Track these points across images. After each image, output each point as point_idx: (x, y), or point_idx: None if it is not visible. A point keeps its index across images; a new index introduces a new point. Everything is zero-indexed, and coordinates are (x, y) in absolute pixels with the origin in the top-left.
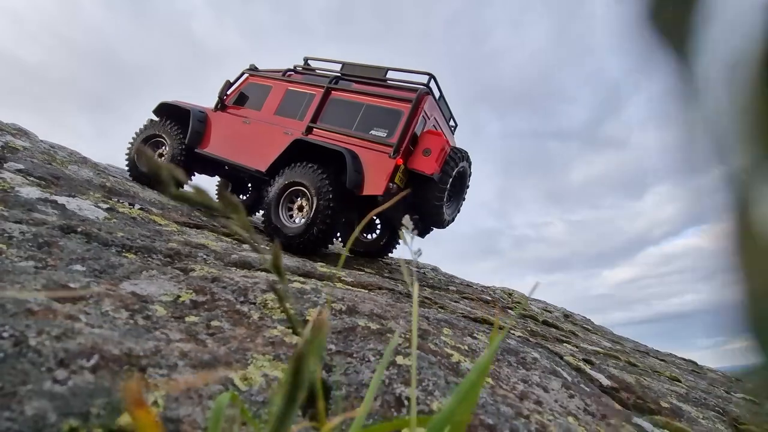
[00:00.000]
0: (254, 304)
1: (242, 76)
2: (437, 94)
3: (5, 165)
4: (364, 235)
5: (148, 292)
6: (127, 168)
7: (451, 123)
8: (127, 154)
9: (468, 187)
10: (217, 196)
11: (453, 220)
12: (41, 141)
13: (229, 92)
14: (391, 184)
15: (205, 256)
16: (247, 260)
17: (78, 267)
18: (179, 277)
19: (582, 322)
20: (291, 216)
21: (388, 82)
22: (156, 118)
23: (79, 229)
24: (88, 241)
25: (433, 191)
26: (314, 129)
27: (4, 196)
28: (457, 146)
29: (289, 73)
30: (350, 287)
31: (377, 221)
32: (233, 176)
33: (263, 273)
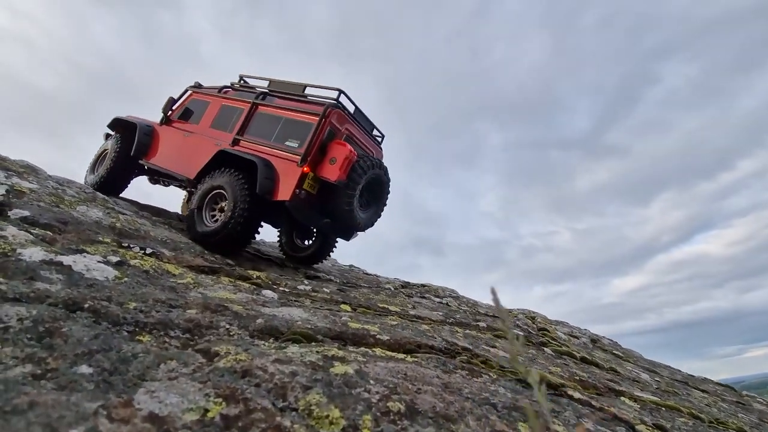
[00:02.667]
0: (296, 411)
1: (186, 92)
2: (352, 109)
3: (10, 213)
4: (302, 241)
5: (170, 410)
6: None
7: (377, 134)
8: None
9: (388, 193)
10: None
11: (372, 224)
12: (49, 178)
13: (174, 108)
14: (298, 191)
15: (227, 326)
16: (274, 324)
17: (84, 369)
18: (203, 369)
19: (612, 348)
20: (214, 216)
21: (308, 97)
22: (111, 132)
23: (86, 305)
24: (96, 320)
25: (342, 197)
26: (240, 141)
27: (5, 261)
28: (370, 155)
29: (225, 89)
30: (392, 353)
31: (313, 228)
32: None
33: (297, 350)
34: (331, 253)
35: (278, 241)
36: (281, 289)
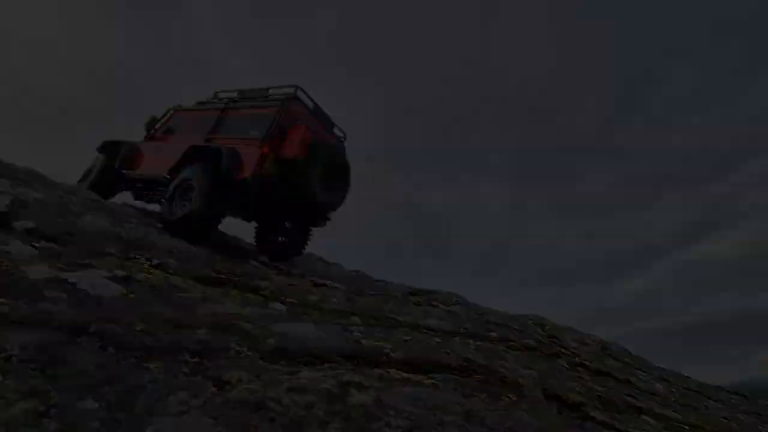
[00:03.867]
0: None
1: (168, 112)
2: (311, 105)
3: (15, 224)
4: (276, 237)
5: None
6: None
7: (338, 133)
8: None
9: (348, 178)
10: None
11: (335, 207)
12: (56, 186)
13: (157, 126)
14: (258, 168)
15: (238, 347)
16: (285, 345)
17: (89, 403)
18: (215, 401)
19: (622, 355)
20: (183, 206)
21: (272, 96)
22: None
23: (91, 329)
24: (102, 345)
25: (300, 174)
26: (212, 139)
27: (8, 280)
28: (330, 141)
29: (203, 104)
30: (408, 374)
31: (288, 224)
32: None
33: (311, 375)
34: (304, 249)
35: (254, 238)
36: (289, 300)
